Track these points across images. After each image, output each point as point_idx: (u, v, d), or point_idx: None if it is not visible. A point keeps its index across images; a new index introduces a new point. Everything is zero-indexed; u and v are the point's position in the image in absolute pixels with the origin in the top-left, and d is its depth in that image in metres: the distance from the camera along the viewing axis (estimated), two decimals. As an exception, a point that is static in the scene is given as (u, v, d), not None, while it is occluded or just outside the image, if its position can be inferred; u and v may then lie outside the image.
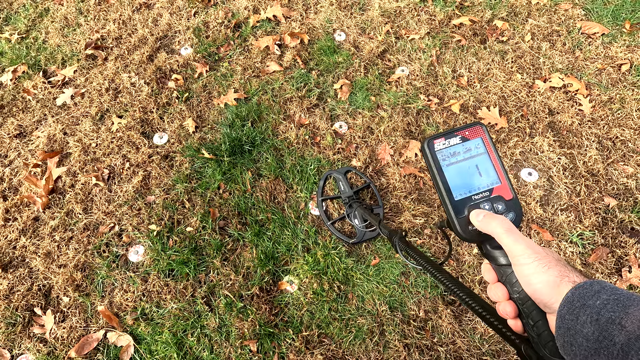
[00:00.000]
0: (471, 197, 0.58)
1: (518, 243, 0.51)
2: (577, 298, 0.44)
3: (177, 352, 1.51)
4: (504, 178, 0.59)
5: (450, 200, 0.58)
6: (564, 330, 0.44)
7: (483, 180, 0.59)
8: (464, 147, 0.60)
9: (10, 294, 1.64)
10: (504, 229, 0.52)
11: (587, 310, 0.42)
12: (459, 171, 0.59)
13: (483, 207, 0.58)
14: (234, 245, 1.76)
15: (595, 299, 0.42)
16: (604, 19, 2.48)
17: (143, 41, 2.46)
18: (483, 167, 0.59)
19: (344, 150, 2.00)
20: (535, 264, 0.48)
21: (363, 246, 1.75)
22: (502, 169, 0.60)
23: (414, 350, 1.53)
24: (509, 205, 0.58)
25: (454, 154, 0.59)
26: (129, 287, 1.66)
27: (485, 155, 0.60)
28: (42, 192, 1.88)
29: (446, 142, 0.60)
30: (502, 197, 0.58)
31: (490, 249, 0.57)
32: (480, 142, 0.60)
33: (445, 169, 0.59)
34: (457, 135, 0.60)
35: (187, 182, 1.91)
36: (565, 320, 0.44)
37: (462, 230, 0.58)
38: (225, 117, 2.13)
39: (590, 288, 0.44)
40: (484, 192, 0.58)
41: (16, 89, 2.27)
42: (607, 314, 0.40)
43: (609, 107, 2.12)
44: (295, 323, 1.58)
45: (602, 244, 1.74)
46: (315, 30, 2.49)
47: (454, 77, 2.27)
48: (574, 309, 0.43)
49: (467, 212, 0.58)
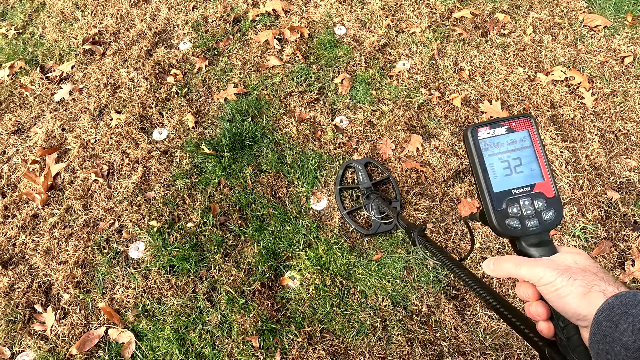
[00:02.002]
0: (511, 190, 0.56)
1: (535, 267, 0.50)
2: (617, 305, 0.42)
3: (178, 349, 1.50)
4: (547, 175, 0.57)
5: (489, 191, 0.56)
6: (600, 337, 0.42)
7: (525, 175, 0.56)
8: (509, 138, 0.57)
9: (11, 291, 1.63)
10: (515, 264, 0.52)
11: (629, 319, 0.40)
12: (501, 162, 0.57)
13: (523, 202, 0.56)
14: (235, 241, 1.75)
15: (639, 308, 0.41)
16: (606, 12, 2.46)
17: (141, 36, 2.43)
18: (527, 162, 0.57)
19: (345, 145, 1.99)
20: (560, 279, 0.47)
21: (365, 241, 1.74)
22: (546, 165, 0.57)
23: (416, 345, 1.52)
24: (549, 202, 0.56)
25: (498, 145, 0.57)
26: (130, 284, 1.65)
27: (531, 149, 0.57)
28: (41, 188, 1.86)
29: (491, 132, 0.57)
30: (544, 194, 0.56)
31: (525, 245, 0.55)
32: (526, 135, 0.57)
33: (487, 159, 0.56)
34: (504, 125, 0.57)
35: (187, 178, 1.89)
36: (602, 327, 0.42)
37: (499, 223, 0.56)
38: (225, 112, 2.11)
39: (633, 297, 0.42)
40: (525, 187, 0.56)
41: (13, 84, 2.24)
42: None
43: (612, 100, 2.10)
44: (297, 319, 1.58)
45: (605, 237, 1.73)
46: (315, 24, 2.47)
47: (455, 70, 2.25)
48: (613, 316, 0.41)
49: (505, 205, 0.56)
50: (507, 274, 0.53)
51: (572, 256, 0.51)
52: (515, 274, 0.52)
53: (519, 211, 0.55)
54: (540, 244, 0.55)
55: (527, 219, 0.55)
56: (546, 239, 0.55)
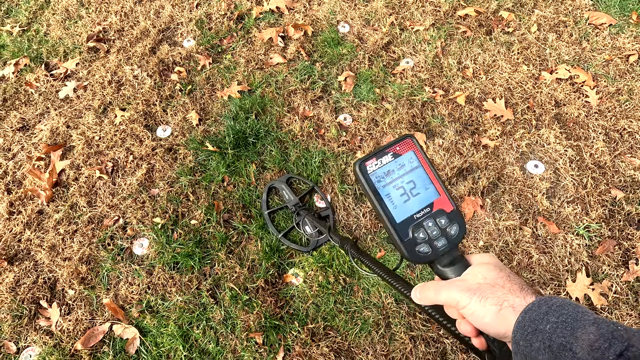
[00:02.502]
0: (413, 216, 0.56)
1: (451, 291, 0.51)
2: (527, 323, 0.44)
3: (182, 345, 1.51)
4: (442, 190, 0.57)
5: (392, 224, 0.55)
6: (522, 356, 0.44)
7: (422, 196, 0.56)
8: (397, 163, 0.56)
9: (16, 287, 1.64)
10: (435, 291, 0.53)
11: (539, 336, 0.42)
12: (397, 190, 0.56)
13: (427, 224, 0.56)
14: (238, 238, 1.75)
15: (545, 323, 0.43)
16: (611, 10, 2.45)
17: (145, 33, 2.43)
18: (420, 182, 0.57)
19: (349, 143, 1.99)
20: (474, 300, 0.49)
21: (368, 239, 1.75)
22: (438, 180, 0.57)
23: (419, 343, 1.52)
24: (451, 217, 0.56)
25: (389, 173, 0.56)
26: (134, 280, 1.66)
27: (420, 169, 0.57)
28: (46, 185, 1.87)
29: (378, 162, 0.56)
30: (444, 210, 0.56)
31: (440, 268, 0.56)
32: (412, 155, 0.57)
33: (382, 190, 0.55)
34: (389, 152, 0.56)
35: (191, 175, 1.90)
36: (520, 347, 0.44)
37: (410, 254, 0.55)
38: (228, 109, 2.11)
39: (538, 310, 0.44)
40: (425, 209, 0.56)
41: (18, 82, 2.25)
42: (558, 339, 0.41)
43: (617, 98, 2.10)
44: (300, 315, 1.58)
45: (609, 236, 1.73)
46: (319, 21, 2.46)
47: (459, 68, 2.25)
48: (526, 335, 0.44)
49: (411, 233, 0.55)
50: (432, 300, 0.54)
51: (481, 270, 0.52)
52: (437, 300, 0.53)
53: (425, 235, 0.55)
54: (452, 262, 0.55)
55: (435, 240, 0.55)
56: (457, 256, 0.56)
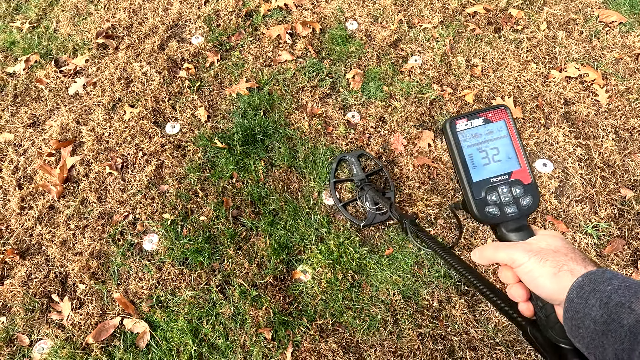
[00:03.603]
0: (490, 179, 0.58)
1: (511, 249, 0.53)
2: (587, 283, 0.44)
3: (192, 339, 1.53)
4: (524, 162, 0.59)
5: (468, 181, 0.58)
6: (572, 314, 0.44)
7: (503, 164, 0.59)
8: (486, 129, 0.59)
9: (29, 281, 1.66)
10: (494, 249, 0.55)
11: (597, 295, 0.42)
12: (480, 153, 0.59)
13: (501, 189, 0.58)
14: (247, 234, 1.76)
15: (607, 285, 0.43)
16: (621, 8, 2.43)
17: (154, 30, 2.44)
18: (504, 150, 0.59)
19: (357, 140, 1.99)
20: (532, 260, 0.50)
21: (376, 236, 1.75)
22: (523, 153, 0.59)
23: (427, 340, 1.53)
24: (527, 189, 0.58)
25: (476, 135, 0.59)
26: (144, 275, 1.68)
27: (507, 139, 0.59)
28: (57, 180, 1.89)
29: (468, 123, 0.59)
30: (521, 181, 0.58)
31: (505, 231, 0.58)
32: (503, 125, 0.59)
33: (466, 150, 0.58)
34: (480, 116, 0.59)
35: (200, 172, 1.91)
36: (573, 304, 0.44)
37: (479, 211, 0.58)
38: (237, 106, 2.12)
39: (602, 275, 0.44)
40: (503, 176, 0.58)
41: (29, 78, 2.27)
42: (617, 298, 0.41)
43: (626, 97, 2.08)
44: (309, 312, 1.59)
45: (618, 235, 1.72)
46: (327, 19, 2.46)
47: (467, 66, 2.24)
48: (583, 293, 0.44)
49: (484, 193, 0.58)
50: (489, 259, 0.56)
51: (546, 239, 0.53)
52: (495, 259, 0.55)
53: (497, 199, 0.58)
54: (518, 229, 0.57)
55: (505, 206, 0.57)
56: (524, 224, 0.58)
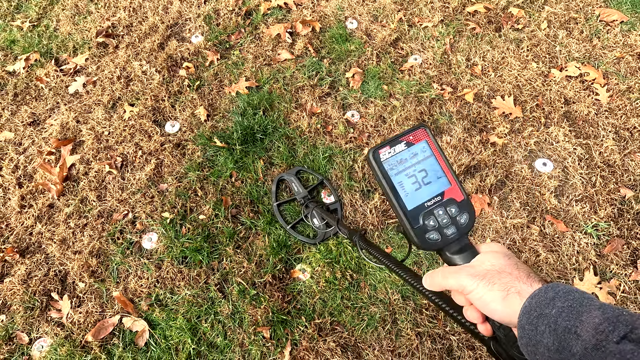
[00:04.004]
0: (424, 204, 0.57)
1: (459, 275, 0.52)
2: (533, 307, 0.45)
3: (191, 338, 1.53)
4: (453, 180, 0.58)
5: (403, 211, 0.57)
6: (527, 340, 0.45)
7: (433, 185, 0.58)
8: (410, 152, 0.57)
9: (28, 279, 1.67)
10: (443, 276, 0.55)
11: (545, 320, 0.43)
12: (409, 178, 0.57)
13: (437, 212, 0.57)
14: (246, 233, 1.76)
15: (551, 308, 0.43)
16: (622, 6, 2.42)
17: (154, 29, 2.44)
18: (432, 171, 0.58)
19: (356, 140, 1.99)
20: (480, 286, 0.50)
21: (375, 235, 1.75)
22: (450, 170, 0.58)
23: (426, 339, 1.53)
24: (461, 206, 0.57)
25: (401, 162, 0.57)
26: (143, 274, 1.68)
27: (432, 158, 0.58)
28: (57, 179, 1.89)
29: (392, 150, 0.57)
30: (454, 199, 0.58)
31: (449, 255, 0.57)
32: (425, 145, 0.58)
33: (394, 178, 0.57)
34: (402, 141, 0.57)
35: (199, 171, 1.91)
36: (525, 331, 0.45)
37: (420, 240, 0.57)
38: (236, 105, 2.12)
39: (544, 295, 0.45)
40: (436, 197, 0.57)
41: (29, 77, 2.28)
42: (563, 322, 0.42)
43: (627, 96, 2.08)
44: (307, 311, 1.59)
45: (618, 235, 1.72)
46: (326, 17, 2.46)
47: (467, 65, 2.24)
48: (532, 319, 0.44)
49: (422, 220, 0.57)
50: (440, 286, 0.56)
51: (489, 258, 0.53)
52: (445, 285, 0.55)
53: (435, 223, 0.57)
54: (461, 250, 0.56)
55: (445, 228, 0.57)
56: (466, 244, 0.57)
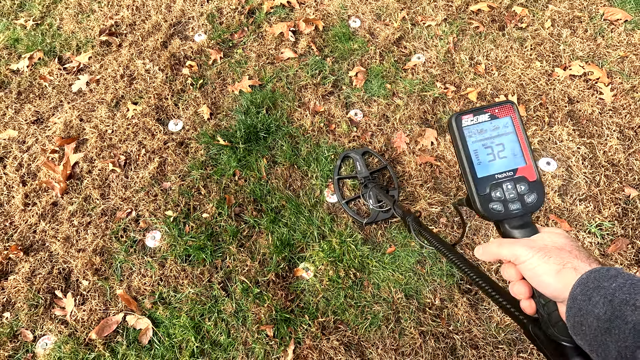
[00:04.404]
0: (494, 175, 0.58)
1: (515, 246, 0.53)
2: (591, 280, 0.44)
3: (194, 336, 1.53)
4: (529, 159, 0.58)
5: (473, 177, 0.58)
6: (575, 311, 0.44)
7: (508, 160, 0.58)
8: (492, 125, 0.58)
9: (32, 277, 1.67)
10: (498, 245, 0.55)
11: (602, 292, 0.42)
12: (485, 149, 0.58)
13: (506, 186, 0.57)
14: (249, 231, 1.76)
15: (611, 282, 0.42)
16: (627, 5, 2.41)
17: (157, 27, 2.44)
18: (509, 147, 0.58)
19: (360, 138, 1.99)
20: (535, 257, 0.50)
21: (379, 234, 1.75)
22: (528, 150, 0.59)
23: (429, 338, 1.53)
24: (532, 186, 0.58)
25: (481, 131, 0.58)
26: (147, 272, 1.69)
27: (513, 135, 0.58)
28: (60, 177, 1.90)
29: (474, 119, 0.58)
30: (526, 178, 0.58)
31: (509, 228, 0.58)
32: (509, 121, 0.59)
33: (471, 145, 0.58)
34: (487, 112, 0.59)
35: (203, 169, 1.91)
36: (577, 301, 0.44)
37: (483, 207, 0.58)
38: (240, 104, 2.12)
39: (606, 273, 0.44)
40: (508, 172, 0.58)
41: (32, 75, 2.28)
42: (622, 295, 0.41)
43: (632, 95, 2.07)
44: (311, 309, 1.59)
45: (622, 234, 1.71)
46: (329, 16, 2.46)
47: (471, 64, 2.23)
48: (587, 290, 0.43)
49: (489, 189, 0.57)
50: (493, 255, 0.56)
51: (550, 236, 0.53)
52: (498, 255, 0.55)
53: (502, 195, 0.57)
54: (522, 226, 0.57)
55: (510, 203, 0.57)
56: (528, 221, 0.57)
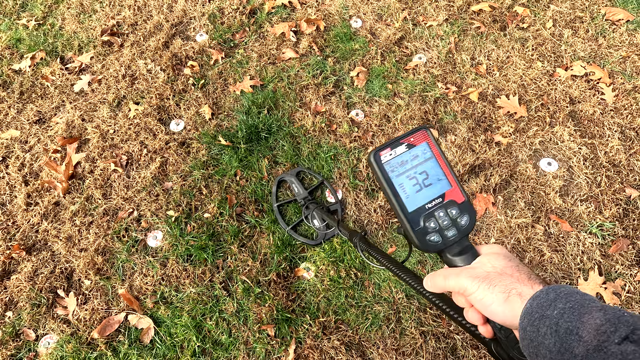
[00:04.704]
0: (425, 206, 0.57)
1: (459, 278, 0.53)
2: (535, 309, 0.45)
3: (196, 335, 1.54)
4: (454, 181, 0.58)
5: (404, 213, 0.57)
6: (528, 342, 0.45)
7: (434, 187, 0.58)
8: (410, 154, 0.58)
9: (34, 276, 1.68)
10: (444, 277, 0.55)
11: (546, 322, 0.43)
12: (410, 180, 0.57)
13: (438, 214, 0.57)
14: (251, 231, 1.77)
15: (553, 309, 0.43)
16: (628, 5, 2.41)
17: (158, 27, 2.45)
18: (432, 173, 0.58)
19: (361, 139, 1.99)
20: (481, 288, 0.50)
21: (379, 234, 1.75)
22: (450, 172, 0.58)
23: (430, 338, 1.53)
24: (462, 208, 0.58)
25: (402, 163, 0.57)
26: (149, 272, 1.69)
27: (433, 160, 0.58)
28: (62, 177, 1.90)
29: (392, 152, 0.57)
30: (455, 201, 0.58)
31: (450, 257, 0.57)
32: (426, 146, 0.58)
33: (395, 180, 0.57)
34: (403, 143, 0.58)
35: (204, 169, 1.92)
36: (527, 332, 0.45)
37: (421, 242, 0.57)
38: (241, 104, 2.12)
39: (546, 297, 0.45)
40: (437, 199, 0.57)
41: (35, 75, 2.29)
42: (565, 324, 0.41)
43: (633, 96, 2.07)
44: (312, 309, 1.60)
45: (623, 235, 1.71)
46: (331, 16, 2.46)
47: (472, 64, 2.23)
48: (533, 321, 0.44)
49: (422, 222, 0.57)
50: (441, 288, 0.56)
51: (490, 259, 0.53)
52: (446, 287, 0.55)
53: (436, 225, 0.57)
54: (462, 252, 0.57)
55: (445, 230, 0.57)
56: (467, 245, 0.57)
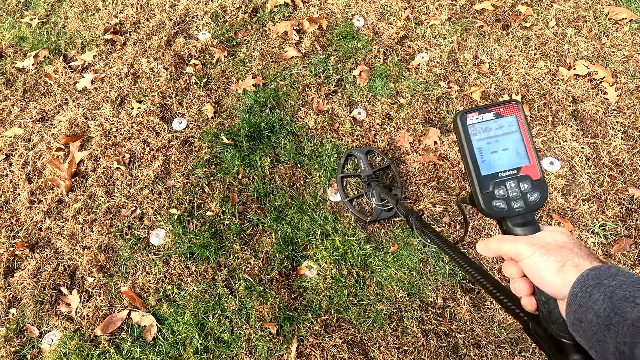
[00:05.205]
0: (498, 173, 0.58)
1: (516, 243, 0.53)
2: (592, 277, 0.44)
3: (198, 333, 1.55)
4: (533, 158, 0.59)
5: (476, 175, 0.58)
6: (575, 307, 0.44)
7: (512, 159, 0.59)
8: (496, 123, 0.59)
9: (38, 274, 1.69)
10: (499, 241, 0.56)
11: (602, 289, 0.42)
12: (489, 147, 0.59)
13: (509, 184, 0.58)
14: (253, 230, 1.77)
15: (611, 280, 0.43)
16: (632, 4, 2.40)
17: (161, 26, 2.45)
18: (513, 145, 0.59)
19: (363, 137, 1.99)
20: (537, 254, 0.50)
21: (382, 233, 1.76)
22: (532, 149, 0.59)
23: (431, 337, 1.54)
24: (535, 185, 0.58)
25: (486, 130, 0.59)
26: (151, 269, 1.70)
27: (518, 134, 0.59)
28: (66, 175, 1.91)
29: (479, 117, 0.59)
30: (530, 176, 0.58)
31: (511, 226, 0.58)
32: (514, 120, 0.59)
33: (475, 144, 0.59)
34: (492, 111, 0.59)
35: (207, 167, 1.92)
36: (577, 298, 0.44)
37: (486, 205, 0.58)
38: (243, 102, 2.13)
39: (607, 270, 0.44)
40: (512, 170, 0.58)
41: (38, 73, 2.29)
42: (622, 292, 0.41)
43: (636, 95, 2.06)
44: (314, 307, 1.60)
45: (626, 235, 1.71)
46: (333, 15, 2.46)
47: (475, 63, 2.23)
48: (587, 287, 0.43)
49: (492, 187, 0.58)
50: (494, 251, 0.57)
51: (552, 234, 0.54)
52: (499, 251, 0.56)
53: (505, 193, 0.58)
54: (525, 224, 0.58)
55: (512, 201, 0.58)
56: (530, 219, 0.58)
